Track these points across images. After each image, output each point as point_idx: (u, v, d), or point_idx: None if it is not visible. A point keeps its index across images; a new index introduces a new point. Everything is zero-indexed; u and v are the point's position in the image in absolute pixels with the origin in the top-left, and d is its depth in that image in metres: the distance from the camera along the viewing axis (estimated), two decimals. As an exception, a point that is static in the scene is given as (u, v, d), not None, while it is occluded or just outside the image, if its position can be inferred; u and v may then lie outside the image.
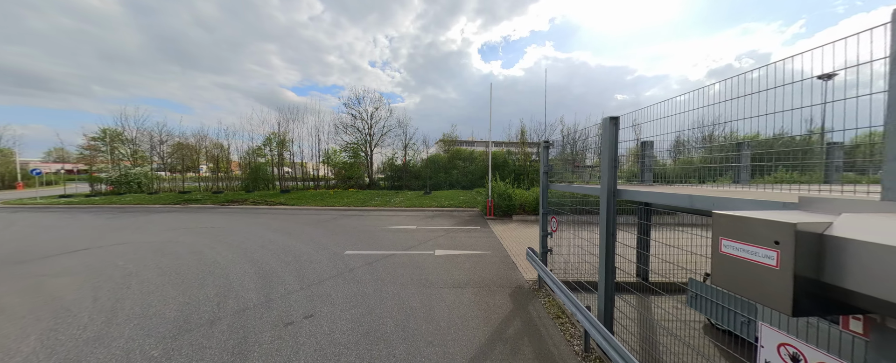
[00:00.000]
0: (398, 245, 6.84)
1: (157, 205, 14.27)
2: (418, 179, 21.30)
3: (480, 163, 19.78)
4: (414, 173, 21.55)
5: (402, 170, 21.46)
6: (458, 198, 14.02)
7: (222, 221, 10.03)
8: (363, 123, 23.61)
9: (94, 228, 9.06)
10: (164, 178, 24.64)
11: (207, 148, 23.52)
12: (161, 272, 5.11)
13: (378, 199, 14.23)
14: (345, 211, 12.30)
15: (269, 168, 21.85)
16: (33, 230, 8.91)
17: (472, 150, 22.10)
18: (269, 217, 10.87)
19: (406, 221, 9.85)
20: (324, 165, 23.95)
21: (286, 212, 11.92)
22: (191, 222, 9.91)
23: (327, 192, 16.48)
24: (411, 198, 14.40)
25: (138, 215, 11.61)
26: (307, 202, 14.10)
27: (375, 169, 24.52)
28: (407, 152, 21.89)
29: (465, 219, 10.39)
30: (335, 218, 10.61)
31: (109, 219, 10.88)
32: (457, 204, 12.92)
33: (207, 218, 10.75)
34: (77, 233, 8.44)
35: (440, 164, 20.20)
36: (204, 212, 12.04)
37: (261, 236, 7.79)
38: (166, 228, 8.99)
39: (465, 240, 7.38)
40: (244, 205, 13.86)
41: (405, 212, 11.93)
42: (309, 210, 12.57)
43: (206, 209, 13.03)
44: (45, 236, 8.04)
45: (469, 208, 12.39)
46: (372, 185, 23.02)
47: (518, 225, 9.40)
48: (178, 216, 11.16)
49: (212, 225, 9.44)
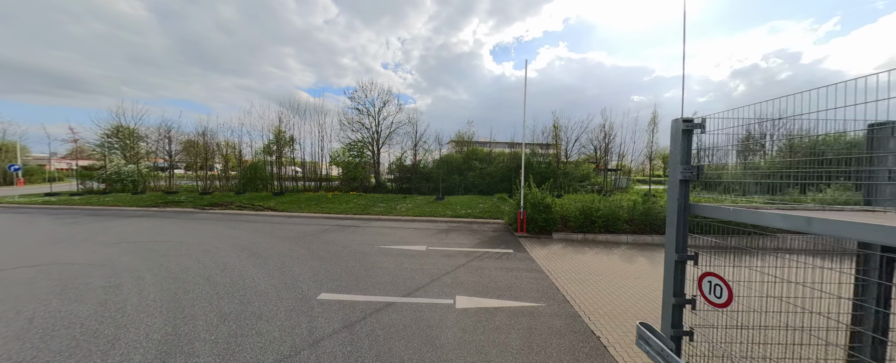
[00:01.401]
0: (400, 283, 4.68)
1: (134, 207, 12.69)
2: (429, 182, 19.20)
3: (500, 164, 17.47)
4: (424, 175, 19.46)
5: (412, 171, 19.41)
6: (477, 207, 11.77)
7: (187, 232, 8.15)
8: (370, 120, 21.73)
9: (33, 239, 7.33)
10: (161, 177, 23.50)
11: (219, 145, 22.24)
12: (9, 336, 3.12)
13: (381, 205, 12.16)
14: (340, 219, 10.28)
15: (269, 167, 20.23)
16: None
17: (489, 150, 19.79)
18: (248, 226, 8.94)
19: (414, 238, 7.70)
20: (333, 166, 22.28)
21: (271, 220, 9.99)
22: (149, 233, 8.08)
23: (325, 196, 14.57)
24: (421, 205, 12.26)
25: (100, 221, 9.94)
26: (300, 207, 12.19)
27: (383, 169, 22.63)
28: (417, 152, 19.83)
29: (490, 236, 8.13)
30: (326, 230, 8.57)
31: (64, 225, 9.22)
32: (476, 214, 10.67)
33: (174, 227, 8.92)
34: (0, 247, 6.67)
35: (454, 165, 18.02)
36: (176, 218, 10.27)
37: (218, 259, 5.80)
38: (113, 241, 7.17)
39: (499, 275, 5.14)
40: (228, 209, 12.08)
41: (413, 223, 9.79)
42: (298, 217, 10.61)
43: (181, 214, 11.29)
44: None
45: (492, 220, 10.12)
46: (378, 187, 21.11)
47: (563, 247, 7.07)
48: (142, 224, 9.40)
49: (171, 237, 7.56)
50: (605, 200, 8.36)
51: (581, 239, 7.81)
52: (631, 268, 5.67)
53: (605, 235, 7.76)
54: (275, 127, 19.15)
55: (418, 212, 10.94)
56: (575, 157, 18.09)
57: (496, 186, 16.12)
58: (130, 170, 21.13)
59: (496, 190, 15.83)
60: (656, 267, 5.71)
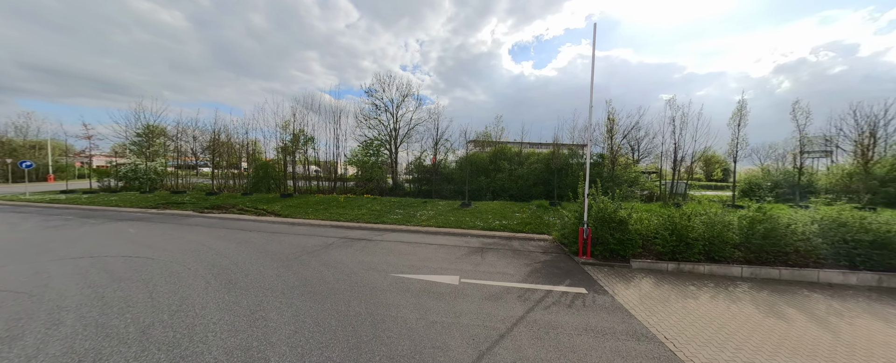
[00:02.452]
0: (424, 357, 2.84)
1: (134, 208, 11.77)
2: (450, 184, 17.39)
3: (534, 165, 15.29)
4: (446, 176, 17.67)
5: (432, 172, 17.65)
6: (513, 216, 9.76)
7: (168, 243, 6.82)
8: (388, 116, 20.23)
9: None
10: (179, 174, 23.25)
11: (242, 144, 21.70)
12: None
13: (399, 212, 10.43)
14: (350, 229, 8.64)
15: (283, 166, 19.22)
16: None
17: (518, 149, 17.62)
18: (241, 236, 7.49)
19: (439, 261, 5.87)
20: (349, 165, 21.07)
21: (270, 228, 8.53)
22: (124, 243, 6.83)
23: (336, 199, 13.09)
24: (444, 212, 10.42)
25: (87, 224, 8.93)
26: (306, 212, 10.73)
27: (400, 170, 21.10)
28: (437, 150, 18.05)
29: (542, 260, 6.14)
30: (329, 245, 6.92)
31: (44, 229, 8.25)
32: (514, 226, 8.67)
33: (158, 235, 7.66)
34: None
35: (479, 166, 16.06)
36: (168, 224, 9.07)
37: (178, 291, 4.27)
38: (75, 254, 5.97)
39: (586, 346, 3.19)
40: (229, 212, 10.83)
41: (436, 236, 7.96)
42: (302, 225, 9.09)
43: (177, 218, 10.14)
44: None
45: (536, 235, 8.09)
46: (395, 189, 19.57)
47: (656, 284, 4.97)
48: (127, 230, 8.24)
49: (144, 251, 6.22)
50: (694, 215, 6.13)
51: (673, 269, 5.64)
52: (792, 332, 3.52)
53: (707, 265, 5.56)
54: (286, 121, 17.99)
55: (442, 222, 9.10)
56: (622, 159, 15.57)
57: (529, 191, 14.00)
58: (147, 167, 20.91)
59: (530, 195, 13.71)
60: (826, 328, 3.52)
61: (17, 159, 29.09)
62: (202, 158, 22.00)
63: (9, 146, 29.29)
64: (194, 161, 22.82)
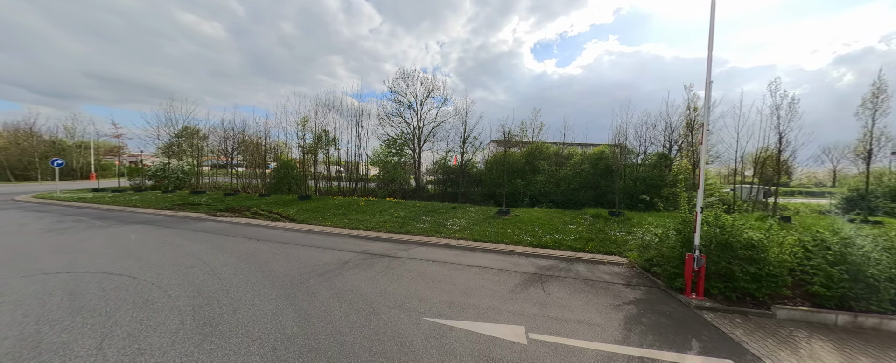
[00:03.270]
0: None
1: (150, 209, 11.31)
2: (479, 186, 15.85)
3: (582, 167, 13.31)
4: (474, 177, 16.13)
5: (459, 173, 16.16)
6: (566, 229, 8.03)
7: (161, 256, 5.88)
8: (411, 113, 19.03)
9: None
10: (206, 174, 23.49)
11: (272, 145, 21.59)
12: None
13: (426, 220, 9.03)
14: (370, 240, 7.35)
15: (306, 166, 18.62)
16: None
17: (557, 147, 15.65)
18: (246, 248, 6.42)
19: (486, 295, 4.38)
20: (371, 165, 20.19)
21: (281, 237, 7.45)
22: (116, 255, 6.01)
23: (356, 202, 11.97)
24: (478, 221, 8.88)
25: (94, 228, 8.43)
26: (323, 217, 9.63)
27: (423, 170, 19.85)
28: (465, 149, 16.54)
29: (628, 297, 4.47)
30: (345, 263, 5.63)
31: (47, 232, 7.76)
32: (571, 242, 6.97)
33: (157, 244, 6.81)
34: None
35: (513, 167, 14.33)
36: (174, 229, 8.30)
37: (137, 337, 3.12)
38: (53, 268, 5.22)
39: None
40: (242, 215, 9.98)
41: (474, 254, 6.46)
42: (317, 234, 7.93)
43: (186, 222, 9.40)
44: None
45: (604, 256, 6.35)
46: (418, 191, 18.33)
47: (836, 353, 3.11)
48: (129, 236, 7.57)
49: (131, 267, 5.31)
50: (861, 238, 4.15)
51: (846, 324, 3.74)
52: None
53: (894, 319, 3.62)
54: (305, 117, 17.26)
55: (478, 234, 7.57)
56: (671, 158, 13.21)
57: (575, 196, 12.11)
58: (174, 166, 21.18)
59: (576, 201, 11.83)
60: None
61: (66, 158, 31.09)
62: (231, 158, 22.06)
63: (59, 146, 31.43)
64: (223, 160, 22.97)
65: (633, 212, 10.02)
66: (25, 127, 30.43)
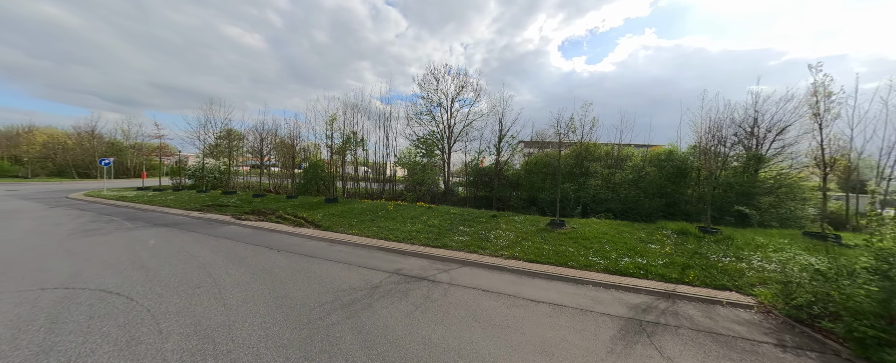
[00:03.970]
0: None
1: (180, 210, 11.17)
2: (516, 190, 14.36)
3: (643, 169, 11.39)
4: (511, 181, 14.65)
5: (494, 176, 14.77)
6: (644, 249, 6.38)
7: (169, 271, 5.20)
8: (441, 111, 17.96)
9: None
10: (242, 173, 24.09)
11: (302, 146, 21.83)
12: None
13: (465, 231, 7.80)
14: (402, 256, 6.25)
15: (334, 167, 18.26)
16: None
17: (610, 147, 13.66)
18: (261, 264, 5.61)
19: (574, 357, 2.99)
20: (398, 166, 19.48)
21: (302, 249, 6.60)
22: (123, 266, 5.44)
23: (385, 207, 11.03)
24: (527, 234, 7.48)
25: (120, 230, 8.21)
26: (350, 223, 8.74)
27: (452, 171, 18.70)
28: (501, 149, 15.11)
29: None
30: (375, 290, 4.57)
31: (75, 234, 7.55)
32: (658, 269, 5.38)
33: (169, 254, 6.24)
34: None
35: (561, 169, 12.63)
36: (195, 233, 7.81)
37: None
38: (51, 283, 4.65)
39: None
40: (266, 219, 9.38)
41: (534, 279, 5.13)
42: (342, 245, 7.00)
43: (209, 225, 8.96)
44: None
45: (715, 292, 4.72)
46: (447, 195, 17.20)
47: None
48: (147, 242, 7.13)
49: (132, 285, 4.65)
50: None
51: None
52: None
53: None
54: (333, 116, 16.75)
55: (533, 253, 6.19)
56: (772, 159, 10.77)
57: (640, 204, 10.25)
58: (211, 167, 21.84)
59: (642, 211, 9.98)
60: None
61: (122, 158, 33.75)
62: (266, 158, 22.46)
63: (117, 146, 34.25)
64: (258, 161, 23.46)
65: (723, 226, 8.06)
66: (88, 129, 33.42)
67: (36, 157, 30.81)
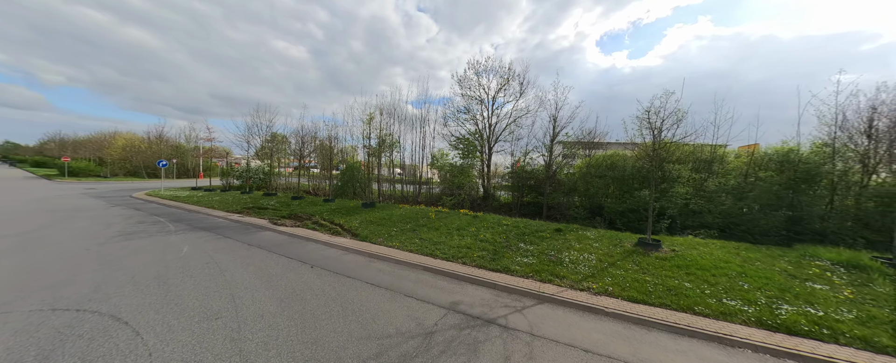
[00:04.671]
0: None
1: (221, 212, 11.10)
2: (569, 195, 12.54)
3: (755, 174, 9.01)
4: (566, 185, 12.85)
5: (545, 180, 13.08)
6: (803, 290, 4.48)
7: (184, 296, 4.53)
8: (481, 108, 16.64)
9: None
10: (284, 174, 24.81)
11: (340, 148, 22.11)
12: None
13: (526, 249, 6.39)
14: (455, 282, 5.04)
15: (369, 168, 17.82)
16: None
17: (691, 146, 11.29)
18: (292, 285, 4.76)
19: None
20: (432, 168, 18.58)
21: (337, 267, 5.71)
22: (137, 282, 4.91)
23: (425, 214, 9.95)
24: (612, 257, 5.85)
25: (161, 233, 8.02)
26: (390, 232, 7.76)
27: (492, 173, 17.25)
28: (553, 150, 13.37)
29: None
30: (427, 337, 3.48)
31: (119, 237, 7.45)
32: (851, 328, 3.54)
33: (195, 267, 5.68)
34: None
35: (627, 172, 10.65)
36: (226, 241, 7.34)
37: None
38: (65, 303, 4.03)
39: None
40: (303, 225, 8.78)
41: (660, 340, 3.69)
42: (383, 262, 5.97)
43: (245, 231, 8.55)
44: None
45: None
46: (486, 200, 15.83)
47: None
48: (176, 249, 6.73)
49: (141, 309, 4.01)
50: None
51: None
52: None
53: None
54: (370, 114, 16.19)
55: (633, 289, 4.61)
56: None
57: (752, 220, 7.97)
58: (256, 168, 22.67)
59: (755, 227, 7.72)
60: None
61: (184, 160, 36.96)
62: (306, 160, 22.95)
63: (181, 149, 37.65)
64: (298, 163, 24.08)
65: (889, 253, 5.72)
66: (156, 134, 37.10)
67: (116, 159, 34.85)
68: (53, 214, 10.00)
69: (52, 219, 9.11)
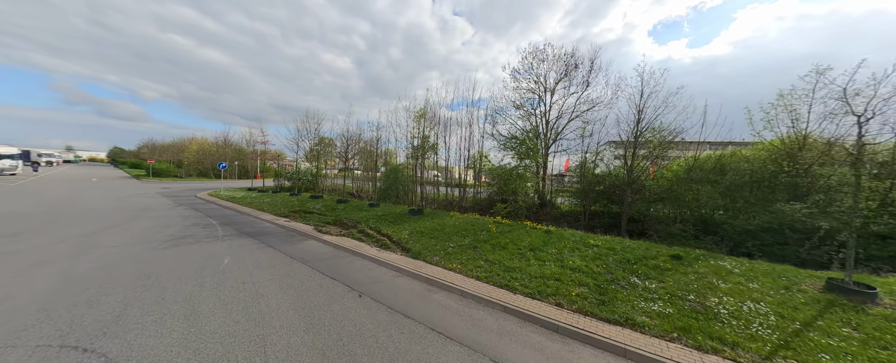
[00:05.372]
0: None
1: (270, 215, 10.86)
2: (662, 204, 10.21)
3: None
4: (652, 193, 10.51)
5: (626, 185, 10.84)
6: None
7: (211, 331, 3.57)
8: (537, 101, 14.83)
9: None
10: (330, 176, 25.20)
11: (381, 151, 22.11)
12: None
13: (649, 288, 4.65)
14: (560, 341, 3.65)
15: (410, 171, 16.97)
16: None
17: (821, 144, 8.31)
18: (335, 324, 3.74)
19: None
20: (466, 170, 17.15)
21: (390, 296, 4.57)
22: (164, 301, 4.15)
23: (483, 224, 8.51)
24: (794, 307, 3.94)
25: (208, 239, 7.69)
26: (447, 250, 6.48)
27: (546, 174, 15.25)
28: (636, 147, 11.07)
29: None
30: None
31: (168, 243, 7.15)
32: None
33: (232, 287, 4.90)
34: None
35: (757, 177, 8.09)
36: (268, 252, 6.64)
37: None
38: (51, 341, 3.11)
39: None
40: (348, 232, 7.92)
41: None
42: (444, 292, 4.68)
43: (289, 239, 7.94)
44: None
45: None
46: (544, 209, 13.96)
47: None
48: (217, 259, 6.08)
49: (154, 346, 2.85)
50: None
51: None
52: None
53: None
54: (421, 110, 15.22)
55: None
56: None
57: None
58: (307, 169, 23.25)
59: None
60: None
61: (244, 162, 40.11)
62: (350, 162, 23.09)
63: (241, 153, 41.04)
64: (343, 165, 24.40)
65: None
66: (221, 139, 40.82)
67: (190, 161, 39.00)
68: (124, 213, 10.49)
69: (120, 219, 9.43)
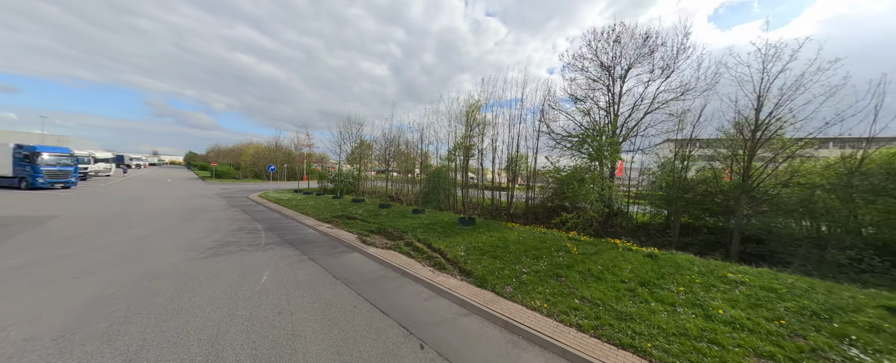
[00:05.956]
0: None
1: (313, 220, 10.43)
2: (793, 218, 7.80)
3: None
4: (781, 205, 8.09)
5: (738, 194, 8.51)
6: None
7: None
8: (604, 91, 12.79)
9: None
10: (370, 178, 25.20)
11: (421, 153, 21.79)
12: None
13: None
14: None
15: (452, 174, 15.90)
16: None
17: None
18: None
19: None
20: (505, 173, 15.52)
21: (456, 345, 3.32)
22: (199, 328, 3.06)
23: (558, 243, 6.99)
24: None
25: (250, 248, 7.19)
26: (518, 275, 5.16)
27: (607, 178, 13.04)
28: (756, 148, 8.62)
29: None
30: None
31: (209, 252, 6.73)
32: None
33: (261, 314, 4.11)
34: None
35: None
36: (310, 266, 5.87)
37: None
38: None
39: None
40: (395, 245, 6.96)
41: None
42: (537, 348, 3.29)
43: (331, 251, 7.19)
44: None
45: None
46: (613, 219, 11.96)
47: None
48: (256, 274, 5.35)
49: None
50: None
51: None
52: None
53: None
54: (473, 104, 14.00)
55: None
56: None
57: None
58: (348, 172, 23.39)
59: None
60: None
61: (292, 165, 42.31)
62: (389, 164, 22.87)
63: (290, 156, 43.50)
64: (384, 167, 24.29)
65: None
66: (272, 143, 43.60)
67: (246, 164, 42.21)
68: (181, 215, 10.73)
69: (176, 221, 9.53)
